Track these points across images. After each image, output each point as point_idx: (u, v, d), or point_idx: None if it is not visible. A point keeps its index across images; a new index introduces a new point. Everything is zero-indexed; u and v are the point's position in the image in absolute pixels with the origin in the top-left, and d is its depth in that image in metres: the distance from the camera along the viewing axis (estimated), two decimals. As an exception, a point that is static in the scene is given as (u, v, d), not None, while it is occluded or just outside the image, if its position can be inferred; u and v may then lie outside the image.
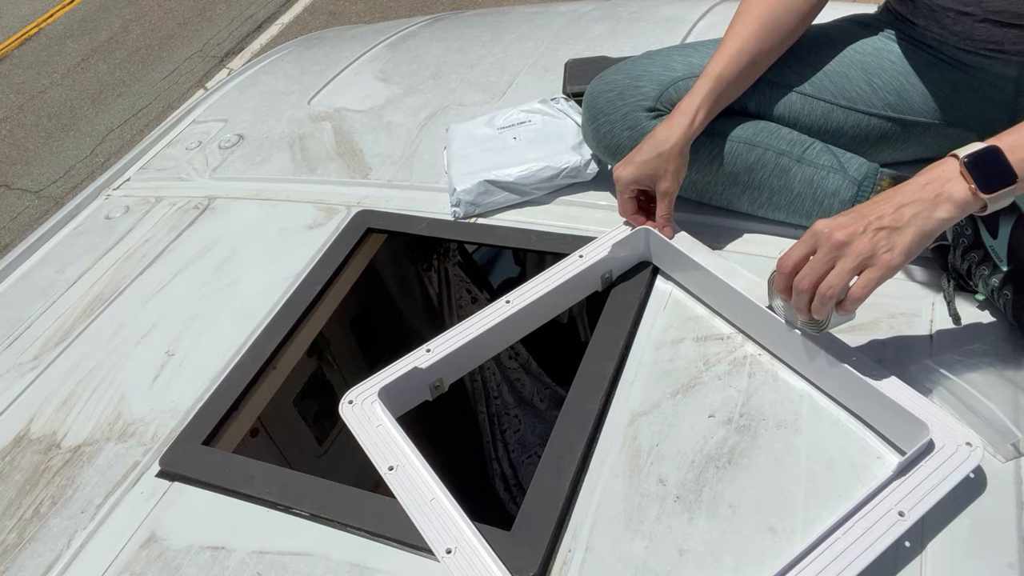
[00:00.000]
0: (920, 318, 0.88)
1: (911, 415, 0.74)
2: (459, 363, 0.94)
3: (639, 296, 0.98)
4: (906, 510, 0.68)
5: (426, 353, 0.91)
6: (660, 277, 1.01)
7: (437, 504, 0.77)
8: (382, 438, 0.84)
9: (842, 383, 0.81)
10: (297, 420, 1.51)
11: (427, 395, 0.93)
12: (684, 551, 0.74)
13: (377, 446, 0.84)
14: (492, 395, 1.77)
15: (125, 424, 1.02)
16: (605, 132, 1.04)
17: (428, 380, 0.92)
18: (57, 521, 0.92)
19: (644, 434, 0.84)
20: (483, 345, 0.94)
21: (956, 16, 0.94)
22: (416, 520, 0.77)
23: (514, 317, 0.95)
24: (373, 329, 1.72)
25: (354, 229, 1.21)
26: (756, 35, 0.95)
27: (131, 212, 1.42)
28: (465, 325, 0.94)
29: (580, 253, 0.99)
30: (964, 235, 0.87)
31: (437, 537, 0.75)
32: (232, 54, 4.50)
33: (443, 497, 0.77)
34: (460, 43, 1.66)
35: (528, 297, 0.96)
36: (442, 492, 0.78)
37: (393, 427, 0.85)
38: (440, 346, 0.92)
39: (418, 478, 0.80)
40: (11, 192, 3.93)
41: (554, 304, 0.99)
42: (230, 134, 1.56)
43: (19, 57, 5.20)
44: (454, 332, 0.93)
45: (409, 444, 0.83)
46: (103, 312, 1.21)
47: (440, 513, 0.77)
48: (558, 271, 0.98)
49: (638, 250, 1.01)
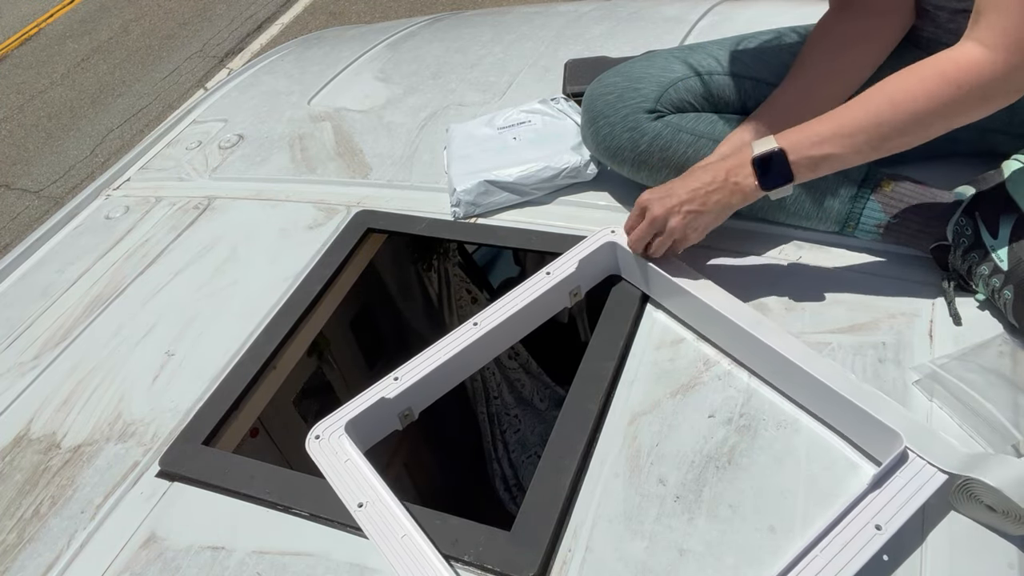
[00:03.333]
0: (920, 318, 0.88)
1: (884, 425, 0.73)
2: (428, 390, 0.91)
3: (639, 296, 0.98)
4: (883, 523, 0.68)
5: (394, 382, 0.89)
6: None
7: (408, 541, 0.75)
8: (351, 473, 0.82)
9: (815, 394, 0.80)
10: (297, 420, 1.51)
11: (397, 425, 0.91)
12: (684, 551, 0.74)
13: (346, 482, 0.81)
14: (492, 395, 1.77)
15: (125, 424, 1.02)
16: (605, 134, 1.04)
17: (396, 410, 0.90)
18: (57, 521, 0.92)
19: (644, 434, 0.84)
20: (452, 370, 0.92)
21: (950, 15, 0.94)
22: (388, 559, 0.74)
23: (483, 339, 0.93)
24: (373, 329, 1.72)
25: (354, 229, 1.20)
26: None
27: (131, 212, 1.42)
28: (433, 350, 0.91)
29: (547, 270, 0.97)
30: (964, 235, 0.87)
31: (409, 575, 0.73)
32: (232, 54, 4.50)
33: (415, 533, 0.75)
34: (460, 43, 1.66)
35: (496, 318, 0.94)
36: (413, 528, 0.76)
37: (362, 461, 0.82)
38: (408, 374, 0.89)
39: (388, 514, 0.78)
40: (11, 192, 3.93)
41: (524, 323, 0.97)
42: (230, 134, 1.56)
43: (19, 57, 5.20)
44: (422, 358, 0.90)
45: (378, 479, 0.80)
46: (103, 312, 1.21)
47: (412, 550, 0.74)
48: (525, 290, 0.96)
49: (606, 264, 1.00)
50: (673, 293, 0.93)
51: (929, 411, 0.79)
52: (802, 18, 1.09)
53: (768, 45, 1.05)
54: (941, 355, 0.83)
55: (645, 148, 1.02)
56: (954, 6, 0.92)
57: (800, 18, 1.10)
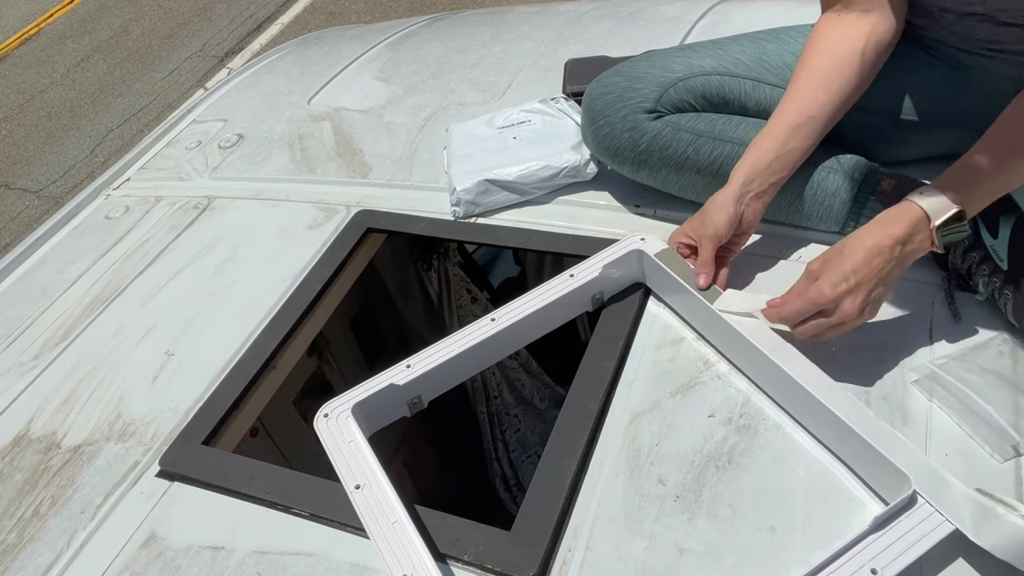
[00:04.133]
0: (920, 318, 0.88)
1: (893, 465, 0.71)
2: (439, 380, 0.91)
3: (639, 296, 0.98)
4: (880, 568, 0.65)
5: (406, 369, 0.89)
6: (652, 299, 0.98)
7: (399, 528, 0.75)
8: (352, 455, 0.82)
9: (827, 424, 0.78)
10: (297, 420, 1.51)
11: (405, 411, 0.91)
12: (684, 551, 0.74)
13: (347, 462, 0.82)
14: (492, 395, 1.77)
15: (125, 424, 1.02)
16: (605, 134, 1.04)
17: (406, 397, 0.90)
18: (57, 521, 0.92)
19: (644, 434, 0.84)
20: (465, 363, 0.92)
21: (957, 17, 0.94)
22: (376, 542, 0.75)
23: (499, 335, 0.92)
24: (373, 329, 1.72)
25: (354, 229, 1.20)
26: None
27: (131, 212, 1.42)
28: (448, 342, 0.91)
29: (571, 272, 0.96)
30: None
31: (395, 561, 0.73)
32: (232, 54, 4.50)
33: (405, 521, 0.75)
34: (460, 43, 1.66)
35: (515, 316, 0.93)
36: (404, 516, 0.76)
37: (364, 444, 0.83)
38: (421, 362, 0.89)
39: (383, 499, 0.78)
40: (11, 192, 3.93)
41: (542, 323, 0.96)
42: (230, 134, 1.56)
43: (19, 57, 5.20)
44: (436, 348, 0.90)
45: (377, 464, 0.81)
46: (103, 312, 1.21)
47: (401, 537, 0.75)
48: (547, 290, 0.95)
49: (631, 271, 0.98)
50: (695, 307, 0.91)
51: (929, 411, 0.79)
52: (802, 18, 1.08)
53: (768, 46, 1.05)
54: (941, 355, 0.83)
55: (645, 148, 1.02)
56: (961, 9, 0.92)
57: (800, 18, 1.10)
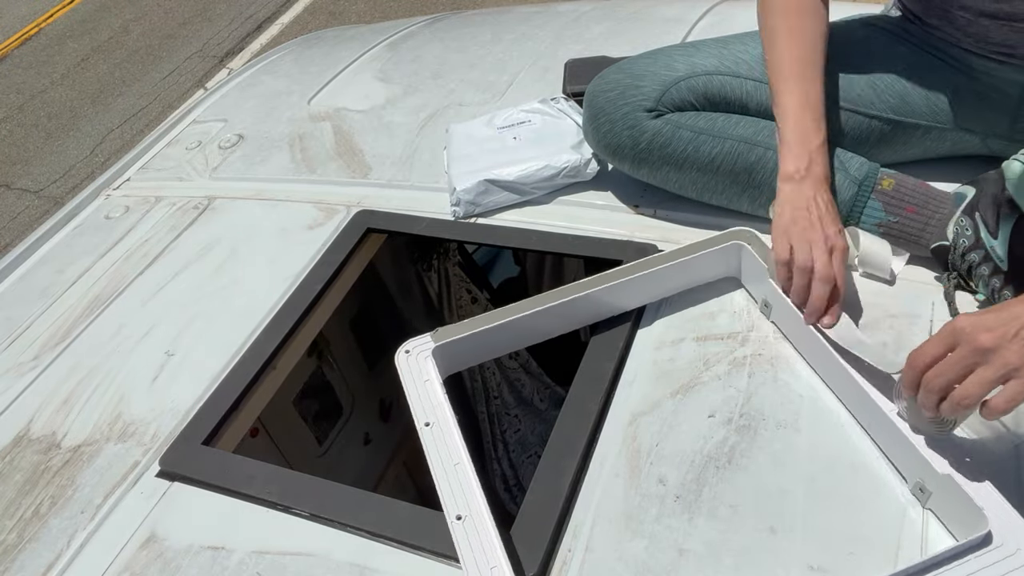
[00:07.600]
0: (920, 318, 0.88)
1: (971, 501, 0.67)
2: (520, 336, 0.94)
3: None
4: None
5: (490, 318, 0.92)
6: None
7: (461, 469, 0.79)
8: (427, 393, 0.87)
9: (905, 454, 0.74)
10: (297, 420, 1.51)
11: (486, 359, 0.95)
12: (684, 551, 0.74)
13: (420, 400, 0.86)
14: (492, 395, 1.77)
15: (125, 424, 1.02)
16: (605, 131, 1.04)
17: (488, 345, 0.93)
18: (57, 521, 0.92)
19: (644, 434, 0.84)
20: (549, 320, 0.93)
21: (972, 18, 0.93)
22: (437, 480, 0.78)
23: (581, 300, 0.92)
24: (373, 329, 1.72)
25: (354, 229, 1.20)
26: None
27: (131, 212, 1.42)
28: (535, 301, 0.92)
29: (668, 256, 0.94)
30: (964, 235, 0.87)
31: (452, 502, 0.76)
32: (232, 54, 4.50)
33: (467, 464, 0.79)
34: (460, 43, 1.66)
35: (605, 282, 0.92)
36: (467, 459, 0.79)
37: (439, 385, 0.87)
38: (502, 314, 0.91)
39: (450, 440, 0.82)
40: (11, 192, 3.93)
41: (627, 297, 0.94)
42: (230, 134, 1.56)
43: (19, 57, 5.20)
44: (525, 304, 0.92)
45: (448, 406, 0.85)
46: (103, 312, 1.21)
47: (462, 479, 0.78)
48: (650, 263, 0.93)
49: (729, 265, 0.96)
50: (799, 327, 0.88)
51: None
52: (802, 18, 1.08)
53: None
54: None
55: (645, 145, 1.02)
56: (981, 7, 0.91)
57: (800, 18, 1.09)
